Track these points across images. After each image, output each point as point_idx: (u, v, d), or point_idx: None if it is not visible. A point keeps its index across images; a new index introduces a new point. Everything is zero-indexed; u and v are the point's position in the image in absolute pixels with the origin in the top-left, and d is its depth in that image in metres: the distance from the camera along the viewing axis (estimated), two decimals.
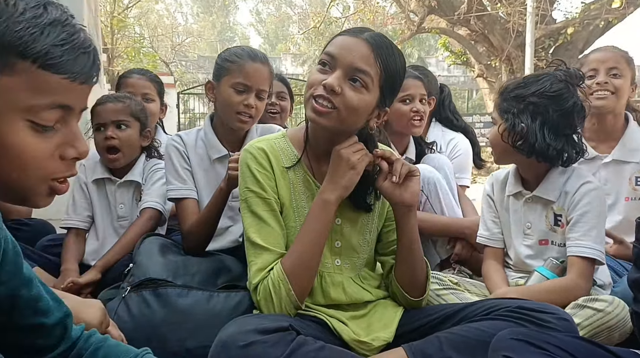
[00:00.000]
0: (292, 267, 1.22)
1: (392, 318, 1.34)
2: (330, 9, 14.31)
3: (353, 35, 1.25)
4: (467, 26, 10.46)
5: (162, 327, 1.35)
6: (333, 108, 1.21)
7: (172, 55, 22.86)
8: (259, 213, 1.29)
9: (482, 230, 1.74)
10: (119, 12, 16.94)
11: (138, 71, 2.49)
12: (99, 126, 1.93)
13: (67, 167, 0.73)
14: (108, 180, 2.00)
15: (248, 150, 1.34)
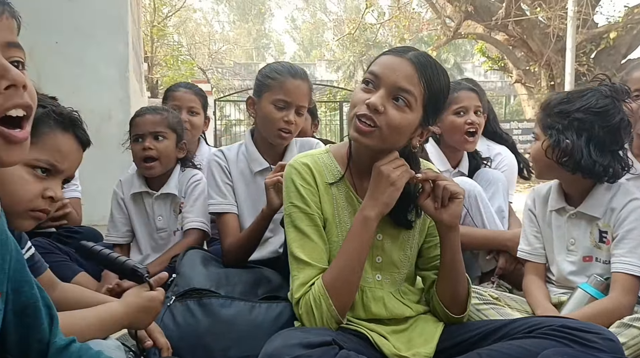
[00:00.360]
0: (333, 282, 1.24)
1: (433, 333, 1.34)
2: (366, 15, 14.33)
3: (397, 55, 1.26)
4: (505, 31, 10.31)
5: (207, 337, 1.38)
6: (375, 127, 1.23)
7: (208, 62, 23.28)
8: (302, 229, 1.31)
9: (524, 245, 1.72)
10: (158, 21, 17.38)
11: (184, 85, 2.56)
12: (137, 137, 1.99)
13: (5, 98, 0.70)
14: (145, 193, 2.06)
15: (293, 166, 1.36)
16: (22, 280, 0.86)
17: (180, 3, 18.45)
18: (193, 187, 2.04)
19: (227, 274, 1.64)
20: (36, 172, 1.08)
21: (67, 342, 0.90)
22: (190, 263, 1.67)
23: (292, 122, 1.78)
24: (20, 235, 1.30)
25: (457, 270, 1.33)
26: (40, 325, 0.87)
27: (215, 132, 13.72)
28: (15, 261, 0.85)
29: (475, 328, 1.33)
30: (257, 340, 1.33)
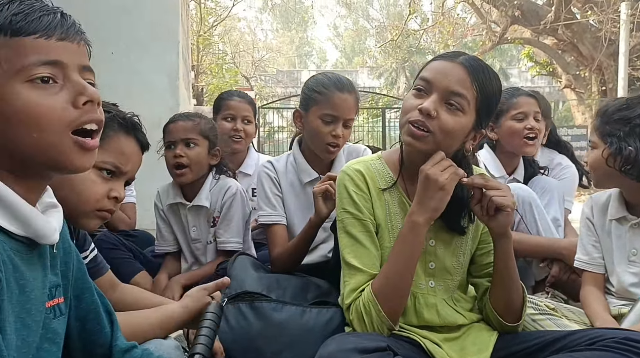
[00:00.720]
0: (381, 288, 1.24)
1: (487, 342, 1.32)
2: (409, 22, 14.25)
3: (448, 60, 1.26)
4: (554, 35, 10.05)
5: (258, 340, 1.40)
6: (429, 132, 1.22)
7: (252, 70, 23.67)
8: (354, 234, 1.31)
9: (581, 255, 1.66)
10: (204, 31, 17.82)
11: (238, 94, 2.57)
12: (169, 144, 1.99)
13: (83, 112, 0.77)
14: (180, 204, 2.06)
15: (345, 172, 1.37)
16: (84, 287, 0.90)
17: (226, 13, 18.86)
18: (229, 204, 2.02)
19: (278, 278, 1.66)
20: (102, 173, 1.15)
21: (128, 346, 0.94)
22: (242, 267, 1.70)
23: (339, 136, 1.80)
24: (85, 237, 1.36)
25: (511, 278, 1.31)
26: (102, 330, 0.91)
27: (259, 139, 13.92)
28: (77, 269, 0.89)
29: (531, 338, 1.30)
30: (308, 345, 1.35)
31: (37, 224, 0.75)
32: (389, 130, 12.54)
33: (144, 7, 3.52)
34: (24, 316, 0.72)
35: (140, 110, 3.44)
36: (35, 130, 0.73)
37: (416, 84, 1.28)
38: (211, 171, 2.05)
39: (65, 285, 0.85)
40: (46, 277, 0.79)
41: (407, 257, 1.25)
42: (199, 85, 16.14)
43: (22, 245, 0.75)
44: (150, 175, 2.91)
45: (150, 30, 3.51)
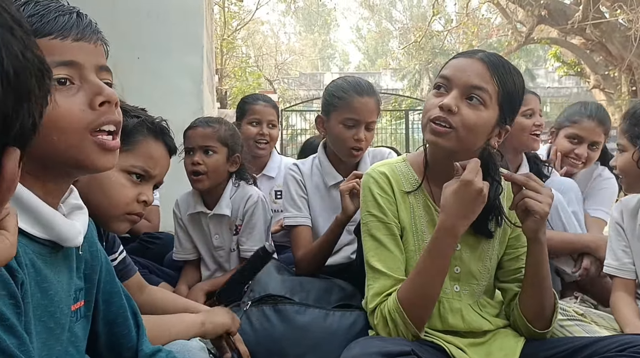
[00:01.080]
0: (408, 296, 1.22)
1: (514, 348, 1.29)
2: (432, 23, 14.15)
3: (466, 57, 1.26)
4: (582, 35, 9.85)
5: (282, 342, 1.41)
6: (451, 128, 1.21)
7: (275, 73, 23.79)
8: (378, 238, 1.31)
9: (611, 260, 1.62)
10: (228, 34, 17.98)
11: (263, 98, 2.57)
12: (188, 150, 1.97)
13: (100, 114, 0.76)
14: (202, 213, 2.04)
15: (370, 174, 1.37)
16: (112, 290, 0.91)
17: (249, 16, 19.01)
18: (251, 212, 2.00)
19: (301, 281, 1.67)
20: (132, 178, 1.17)
21: (153, 350, 0.94)
22: (266, 269, 1.71)
23: (362, 139, 1.80)
24: (114, 239, 1.38)
25: (542, 285, 1.28)
26: (129, 333, 0.92)
27: (282, 141, 13.97)
28: (106, 272, 0.90)
29: (559, 345, 1.27)
30: (332, 348, 1.35)
31: (60, 227, 0.74)
32: (412, 132, 12.46)
33: (169, 13, 3.56)
34: (46, 319, 0.72)
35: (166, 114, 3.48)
36: (54, 132, 0.72)
37: (436, 82, 1.27)
38: (231, 178, 2.03)
39: (88, 288, 0.85)
40: (72, 280, 0.80)
41: (439, 266, 1.22)
42: (222, 88, 16.28)
43: (45, 248, 0.74)
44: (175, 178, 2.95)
45: (175, 35, 3.55)
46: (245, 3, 19.19)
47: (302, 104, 15.73)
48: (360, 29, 35.93)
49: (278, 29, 32.53)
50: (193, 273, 2.06)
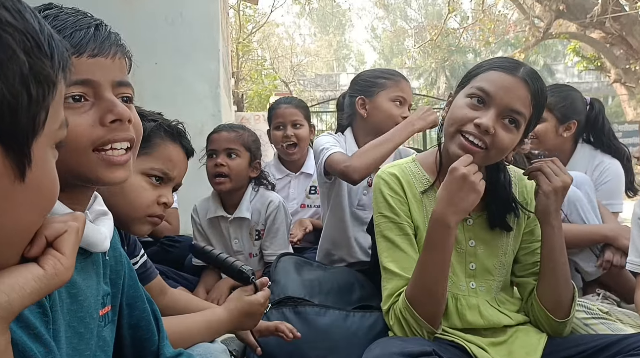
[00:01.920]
0: (414, 294, 1.22)
1: (535, 346, 1.28)
2: (448, 21, 14.04)
3: (509, 73, 1.22)
4: (602, 29, 9.68)
5: (303, 344, 1.41)
6: (485, 148, 1.21)
7: (290, 75, 23.85)
8: (391, 238, 1.31)
9: (634, 257, 1.58)
10: (243, 37, 18.09)
11: (284, 100, 2.59)
12: (211, 153, 2.01)
13: (109, 131, 0.75)
14: (221, 217, 2.06)
15: (380, 176, 1.37)
16: (135, 295, 0.92)
17: (264, 19, 19.09)
18: (274, 217, 2.03)
19: (321, 281, 1.67)
20: (151, 180, 1.18)
21: (175, 354, 0.95)
22: (284, 271, 1.71)
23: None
24: (135, 243, 1.40)
25: (557, 270, 1.27)
26: (152, 337, 0.92)
27: None
28: (129, 277, 0.91)
29: (584, 343, 1.25)
30: (352, 349, 1.35)
31: (87, 233, 0.73)
32: (429, 130, 12.34)
33: (186, 18, 3.60)
34: (75, 325, 0.73)
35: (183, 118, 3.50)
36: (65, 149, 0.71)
37: (473, 93, 1.24)
38: (250, 183, 2.06)
39: (114, 293, 0.86)
40: (99, 285, 0.80)
41: (441, 261, 1.21)
42: (239, 91, 16.37)
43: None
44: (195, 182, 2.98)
45: (192, 40, 3.59)
46: (260, 6, 19.29)
47: (318, 105, 15.72)
48: (375, 29, 35.83)
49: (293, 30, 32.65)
50: (212, 278, 2.06)
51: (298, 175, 2.54)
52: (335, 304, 1.55)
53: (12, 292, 0.51)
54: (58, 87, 0.53)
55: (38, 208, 0.54)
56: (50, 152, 0.54)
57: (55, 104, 0.53)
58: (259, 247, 2.08)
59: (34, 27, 0.49)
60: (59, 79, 0.53)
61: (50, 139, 0.53)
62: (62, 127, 0.56)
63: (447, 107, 1.33)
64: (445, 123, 1.29)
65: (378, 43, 35.78)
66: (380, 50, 35.69)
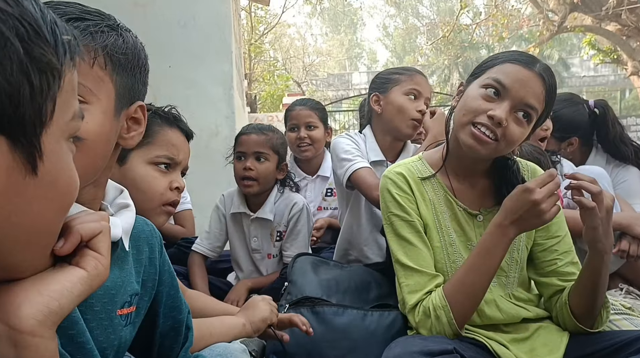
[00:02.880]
0: (456, 295, 1.20)
1: (558, 343, 1.26)
2: (460, 17, 13.94)
3: (526, 67, 1.22)
4: (617, 21, 9.53)
5: (321, 344, 1.41)
6: (495, 140, 1.21)
7: (303, 75, 23.87)
8: (405, 236, 1.31)
9: None
10: (255, 39, 18.15)
11: (299, 102, 2.59)
12: (240, 155, 2.00)
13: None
14: (244, 214, 2.06)
15: (387, 176, 1.37)
16: (174, 305, 0.91)
17: (275, 20, 19.13)
18: (296, 219, 2.04)
19: (338, 280, 1.66)
20: (160, 168, 1.20)
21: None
22: (301, 271, 1.70)
23: (424, 111, 1.86)
24: None
25: (596, 291, 1.24)
26: (177, 346, 0.93)
27: None
28: (170, 286, 0.90)
29: (607, 339, 1.23)
30: (371, 349, 1.35)
31: None
32: None
33: (198, 21, 3.62)
34: (103, 316, 0.73)
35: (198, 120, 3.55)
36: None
37: (488, 84, 1.23)
38: (276, 184, 2.07)
39: (142, 295, 0.85)
40: (125, 283, 0.79)
41: (490, 265, 1.20)
42: (252, 93, 16.43)
43: None
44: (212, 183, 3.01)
45: (205, 43, 3.61)
46: (271, 7, 19.33)
47: (331, 104, 15.71)
48: (387, 27, 35.70)
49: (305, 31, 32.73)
50: (203, 271, 2.05)
51: (315, 178, 2.54)
52: (353, 303, 1.55)
53: (62, 298, 0.52)
54: (66, 76, 0.50)
55: (56, 205, 0.51)
56: (65, 145, 0.51)
57: (65, 93, 0.50)
58: (279, 248, 2.09)
59: (32, 14, 0.46)
60: (66, 67, 0.50)
61: (64, 131, 0.51)
62: (76, 118, 0.53)
63: (457, 97, 1.33)
64: (457, 112, 1.29)
65: (390, 41, 35.65)
66: (392, 48, 35.56)
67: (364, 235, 2.02)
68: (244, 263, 2.11)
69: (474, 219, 1.34)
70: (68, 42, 0.50)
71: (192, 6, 3.63)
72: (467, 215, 1.35)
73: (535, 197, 1.14)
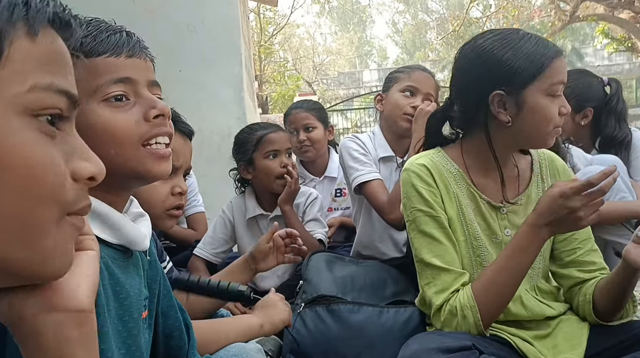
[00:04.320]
0: (486, 295, 1.18)
1: (579, 336, 1.24)
2: (470, 10, 13.83)
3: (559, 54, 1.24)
4: (630, 8, 9.39)
5: (338, 342, 1.41)
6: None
7: (313, 74, 23.88)
8: (430, 232, 1.27)
9: None
10: (265, 40, 18.19)
11: (295, 105, 2.59)
12: (273, 153, 1.96)
13: (153, 126, 0.79)
14: (260, 216, 2.04)
15: (410, 169, 1.33)
16: (169, 304, 0.92)
17: (284, 21, 19.16)
18: (312, 204, 2.07)
19: (353, 277, 1.65)
20: None
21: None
22: (316, 269, 1.70)
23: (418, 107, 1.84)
24: (162, 249, 1.41)
25: (625, 296, 1.21)
26: (184, 346, 0.93)
27: None
28: (163, 286, 0.91)
29: (629, 330, 1.21)
30: (388, 345, 1.34)
31: (127, 231, 0.77)
32: None
33: (207, 25, 3.64)
34: (116, 322, 0.74)
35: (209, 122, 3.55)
36: (112, 146, 0.75)
37: (553, 90, 1.21)
38: None
39: (151, 297, 0.86)
40: (142, 286, 0.81)
41: (521, 267, 1.17)
42: (263, 94, 16.47)
43: (118, 253, 0.76)
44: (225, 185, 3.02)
45: (214, 46, 3.62)
46: (280, 8, 19.36)
47: (342, 103, 15.70)
48: (396, 23, 35.54)
49: (314, 30, 32.76)
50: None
51: (322, 179, 2.51)
52: (369, 300, 1.54)
53: (96, 276, 0.57)
54: (12, 43, 0.45)
55: (17, 191, 0.45)
56: (18, 120, 0.45)
57: (15, 63, 0.45)
58: None
59: None
60: (14, 33, 0.45)
61: (15, 105, 0.45)
62: (36, 90, 0.47)
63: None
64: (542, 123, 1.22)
65: (400, 37, 35.50)
66: (402, 44, 35.41)
67: (379, 232, 2.01)
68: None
69: (497, 212, 1.32)
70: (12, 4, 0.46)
71: (200, 10, 3.65)
72: (490, 208, 1.32)
73: (571, 204, 1.10)
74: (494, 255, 1.29)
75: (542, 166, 1.38)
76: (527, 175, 1.37)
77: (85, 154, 0.52)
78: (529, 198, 1.34)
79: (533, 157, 1.39)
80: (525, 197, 1.34)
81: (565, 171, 1.40)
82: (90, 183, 0.52)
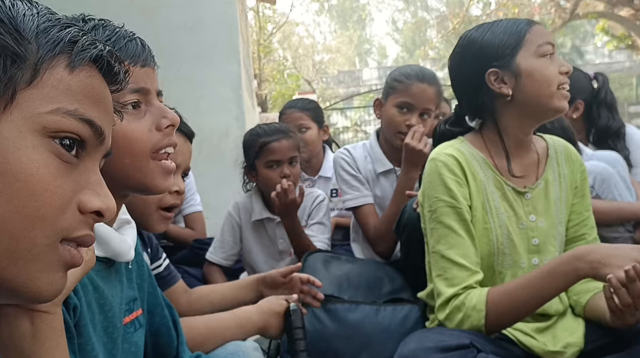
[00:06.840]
0: (500, 307, 1.16)
1: (576, 326, 1.27)
2: (470, 8, 13.81)
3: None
4: (630, 5, 9.38)
5: (335, 341, 1.41)
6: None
7: (313, 73, 23.83)
8: (449, 224, 1.25)
9: None
10: (264, 39, 18.16)
11: (289, 105, 2.55)
12: (273, 163, 1.90)
13: (164, 136, 0.80)
14: (267, 219, 2.01)
15: (437, 159, 1.29)
16: (155, 302, 0.93)
17: (283, 19, 19.13)
18: (318, 207, 2.02)
19: (350, 276, 1.65)
20: None
21: (193, 357, 0.96)
22: (312, 268, 1.70)
23: (413, 125, 1.78)
24: (158, 248, 1.41)
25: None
26: (172, 343, 0.94)
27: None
28: (149, 285, 0.92)
29: None
30: (386, 343, 1.34)
31: (114, 244, 0.76)
32: None
33: (205, 24, 3.64)
34: (101, 334, 0.74)
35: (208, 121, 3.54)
36: (127, 155, 0.75)
37: (542, 51, 1.25)
38: None
39: (141, 297, 0.87)
40: (123, 293, 0.81)
41: (548, 292, 1.13)
42: (262, 93, 16.45)
43: (101, 264, 0.76)
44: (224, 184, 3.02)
45: (212, 45, 3.62)
46: (279, 6, 19.35)
47: (342, 101, 15.70)
48: (395, 21, 35.49)
49: (313, 28, 32.69)
50: (221, 278, 2.01)
51: (317, 179, 2.47)
52: (366, 298, 1.54)
53: (72, 283, 0.61)
54: (48, 70, 0.49)
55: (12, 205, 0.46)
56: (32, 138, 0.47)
57: (47, 88, 0.48)
58: None
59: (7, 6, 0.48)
60: (48, 62, 0.49)
61: (35, 123, 0.47)
62: (58, 113, 0.49)
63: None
64: (543, 84, 1.24)
65: (399, 35, 35.46)
66: (402, 42, 35.36)
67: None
68: (262, 269, 2.04)
69: (522, 198, 1.31)
70: (46, 32, 0.50)
71: (198, 9, 3.64)
72: (515, 194, 1.31)
73: (616, 274, 1.03)
74: (519, 242, 1.28)
75: (557, 151, 1.38)
76: (544, 160, 1.37)
77: (99, 189, 0.53)
78: (547, 182, 1.34)
79: (548, 142, 1.40)
80: (544, 182, 1.34)
81: (578, 158, 1.41)
82: (98, 218, 0.52)
